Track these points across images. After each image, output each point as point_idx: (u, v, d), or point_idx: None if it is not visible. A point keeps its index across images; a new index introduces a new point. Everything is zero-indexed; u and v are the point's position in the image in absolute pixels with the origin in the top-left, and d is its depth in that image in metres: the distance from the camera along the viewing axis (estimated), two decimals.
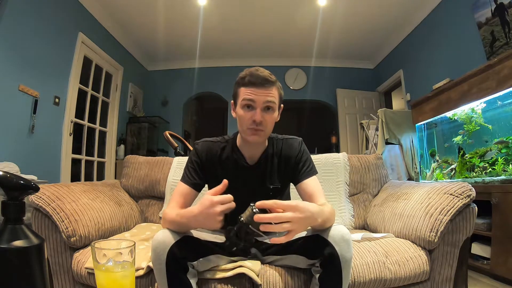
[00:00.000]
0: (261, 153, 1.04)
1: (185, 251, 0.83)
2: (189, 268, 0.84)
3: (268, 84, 0.93)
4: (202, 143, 1.06)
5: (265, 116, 0.93)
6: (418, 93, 3.51)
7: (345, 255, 0.81)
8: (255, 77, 0.92)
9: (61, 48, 2.94)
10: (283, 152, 1.06)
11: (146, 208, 1.59)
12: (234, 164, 1.04)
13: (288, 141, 1.08)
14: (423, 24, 3.56)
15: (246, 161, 1.04)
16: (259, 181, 1.04)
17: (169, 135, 2.11)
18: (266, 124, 0.94)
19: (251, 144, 1.01)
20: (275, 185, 1.04)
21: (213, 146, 1.06)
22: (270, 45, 4.49)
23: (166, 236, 0.83)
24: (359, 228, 1.53)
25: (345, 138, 4.70)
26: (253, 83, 0.92)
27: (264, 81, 0.92)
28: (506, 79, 1.97)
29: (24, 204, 0.50)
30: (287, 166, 1.05)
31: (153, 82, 4.99)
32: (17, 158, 2.27)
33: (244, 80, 0.94)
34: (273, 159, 1.05)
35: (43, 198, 1.05)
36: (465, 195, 1.02)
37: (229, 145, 1.06)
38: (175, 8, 3.50)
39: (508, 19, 2.34)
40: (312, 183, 1.01)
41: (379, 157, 1.69)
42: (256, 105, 0.93)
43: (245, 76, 0.94)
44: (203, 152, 1.04)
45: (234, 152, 1.04)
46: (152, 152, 4.49)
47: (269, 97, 0.93)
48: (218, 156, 1.04)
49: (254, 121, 0.92)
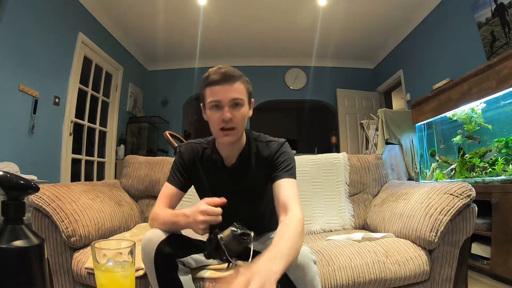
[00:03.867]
0: (238, 153, 1.01)
1: (173, 248, 0.83)
2: (179, 265, 0.84)
3: (232, 80, 0.91)
4: (186, 145, 1.07)
5: (234, 113, 0.90)
6: (418, 93, 3.51)
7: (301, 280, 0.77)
8: (218, 75, 0.90)
9: (61, 48, 2.93)
10: (262, 153, 1.01)
11: (146, 208, 1.59)
12: (213, 165, 1.02)
13: (269, 143, 1.03)
14: (423, 24, 3.56)
15: (224, 162, 1.02)
16: (236, 182, 1.01)
17: (169, 135, 2.11)
18: (236, 121, 0.91)
19: (225, 145, 0.99)
20: (253, 185, 1.01)
21: (195, 148, 1.05)
22: (270, 45, 4.48)
23: (154, 235, 0.84)
24: (359, 228, 1.53)
25: (345, 138, 4.70)
26: (216, 81, 0.90)
27: (227, 77, 0.90)
28: (506, 79, 1.97)
29: (24, 204, 0.50)
30: (265, 167, 0.99)
31: (153, 82, 4.99)
32: (17, 158, 2.27)
33: (208, 80, 0.91)
34: (251, 159, 1.02)
35: (43, 198, 1.05)
36: (465, 195, 1.02)
37: (210, 146, 1.05)
38: (175, 8, 3.50)
39: (508, 19, 2.34)
40: (287, 184, 0.92)
41: (379, 157, 1.69)
42: (222, 103, 0.90)
43: (208, 75, 0.92)
44: (186, 153, 1.04)
45: (214, 153, 1.03)
46: (152, 152, 4.49)
47: (234, 93, 0.90)
48: (199, 157, 1.04)
49: (223, 120, 0.89)
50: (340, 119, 4.76)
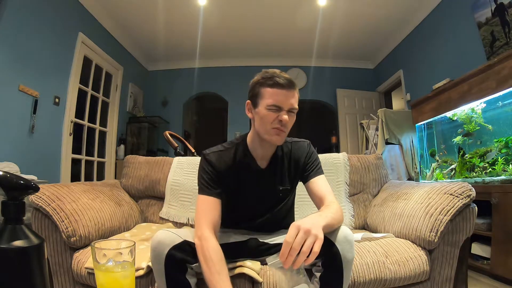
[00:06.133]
0: (271, 155, 1.04)
1: (185, 254, 0.83)
2: (188, 268, 0.84)
3: (294, 87, 0.94)
4: (213, 154, 1.03)
5: (289, 118, 0.94)
6: (418, 93, 3.51)
7: (347, 255, 0.81)
8: (283, 79, 0.92)
9: (61, 48, 2.94)
10: (293, 154, 1.07)
11: (146, 208, 1.59)
12: (246, 168, 1.02)
13: (297, 143, 1.10)
14: (423, 24, 3.56)
15: (258, 164, 1.03)
16: (270, 183, 1.04)
17: (169, 135, 2.11)
18: (289, 126, 0.95)
19: (267, 145, 1.00)
20: (285, 187, 1.05)
21: (224, 155, 1.03)
22: (270, 45, 4.48)
23: (165, 237, 0.83)
24: (359, 228, 1.53)
25: (345, 138, 4.70)
26: (280, 85, 0.91)
27: (291, 84, 0.93)
28: (506, 79, 1.97)
29: (24, 204, 0.50)
30: (297, 167, 1.06)
31: (153, 82, 4.99)
32: (17, 158, 2.27)
33: (272, 81, 0.92)
34: (283, 160, 1.06)
35: (43, 198, 1.05)
36: (465, 195, 1.02)
37: (240, 149, 1.04)
38: (175, 8, 3.50)
39: (508, 19, 2.34)
40: (321, 181, 1.03)
41: (379, 157, 1.69)
42: (284, 107, 0.92)
43: (271, 76, 0.92)
44: (216, 161, 1.01)
45: (246, 156, 1.02)
46: (152, 152, 4.49)
47: (294, 101, 0.94)
48: (231, 163, 1.02)
49: (280, 121, 0.92)
50: (340, 119, 4.76)
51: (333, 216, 0.83)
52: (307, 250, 0.69)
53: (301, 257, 0.70)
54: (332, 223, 0.81)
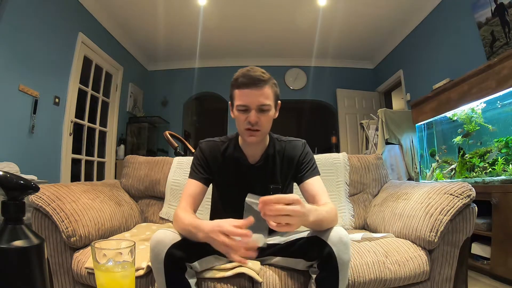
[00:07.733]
0: (262, 152, 1.06)
1: (184, 253, 0.83)
2: (187, 267, 0.84)
3: (261, 84, 0.93)
4: (206, 142, 1.09)
5: (260, 117, 0.94)
6: (418, 93, 3.51)
7: (343, 256, 0.81)
8: (247, 78, 0.92)
9: (61, 48, 2.94)
10: (286, 153, 1.07)
11: (146, 208, 1.59)
12: (236, 162, 1.05)
13: (291, 142, 1.10)
14: (423, 24, 3.56)
15: (248, 159, 1.05)
16: (260, 180, 1.05)
17: (169, 135, 2.11)
18: (261, 124, 0.95)
19: (250, 144, 1.02)
20: (276, 185, 1.05)
21: (216, 145, 1.08)
22: (270, 45, 4.49)
23: (165, 236, 0.83)
24: (359, 228, 1.53)
25: (345, 138, 4.70)
26: (246, 84, 0.92)
27: (256, 81, 0.92)
28: (506, 79, 1.97)
29: (24, 204, 0.50)
30: (290, 166, 1.07)
31: (153, 82, 4.99)
32: (17, 158, 2.27)
33: (237, 82, 0.94)
34: (275, 158, 1.06)
35: (43, 198, 1.05)
36: (465, 195, 1.02)
37: (231, 144, 1.08)
38: (175, 8, 3.50)
39: (508, 19, 2.34)
40: (315, 182, 1.02)
41: (379, 157, 1.69)
42: (250, 107, 0.93)
43: (238, 77, 0.94)
44: (207, 149, 1.07)
45: (236, 151, 1.06)
46: (152, 152, 4.49)
47: (262, 99, 0.93)
48: (221, 154, 1.06)
49: (249, 122, 0.94)
50: (340, 119, 4.76)
51: (325, 215, 0.84)
52: (285, 212, 0.71)
53: (275, 211, 0.71)
54: (322, 220, 0.82)
